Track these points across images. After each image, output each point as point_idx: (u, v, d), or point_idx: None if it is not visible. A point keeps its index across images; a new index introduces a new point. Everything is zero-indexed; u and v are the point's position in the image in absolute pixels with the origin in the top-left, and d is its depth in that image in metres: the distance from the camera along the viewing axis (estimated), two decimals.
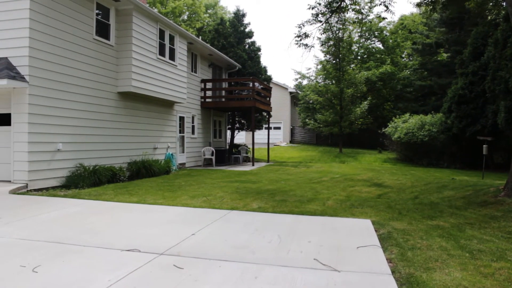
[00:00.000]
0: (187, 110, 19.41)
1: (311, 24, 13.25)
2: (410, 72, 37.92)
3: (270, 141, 26.42)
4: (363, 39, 43.93)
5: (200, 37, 28.20)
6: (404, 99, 37.54)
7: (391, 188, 12.19)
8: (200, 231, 6.18)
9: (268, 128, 25.80)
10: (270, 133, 29.48)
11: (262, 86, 23.33)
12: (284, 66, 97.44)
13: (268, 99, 24.76)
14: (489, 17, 23.70)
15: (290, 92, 41.58)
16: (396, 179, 14.82)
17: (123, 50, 13.65)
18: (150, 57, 14.66)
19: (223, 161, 22.12)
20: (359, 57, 42.64)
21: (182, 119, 18.96)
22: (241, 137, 36.87)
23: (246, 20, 27.60)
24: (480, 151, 18.12)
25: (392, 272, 4.51)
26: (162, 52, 15.60)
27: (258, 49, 26.52)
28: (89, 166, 11.85)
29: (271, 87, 25.87)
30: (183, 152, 19.10)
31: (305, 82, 43.43)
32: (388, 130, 27.32)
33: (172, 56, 16.42)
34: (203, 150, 20.99)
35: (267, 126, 25.75)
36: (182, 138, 19.04)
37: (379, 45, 44.37)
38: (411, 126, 24.90)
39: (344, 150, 32.10)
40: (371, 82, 36.16)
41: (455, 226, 6.91)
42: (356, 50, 42.30)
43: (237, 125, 27.11)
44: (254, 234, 6.08)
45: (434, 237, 6.10)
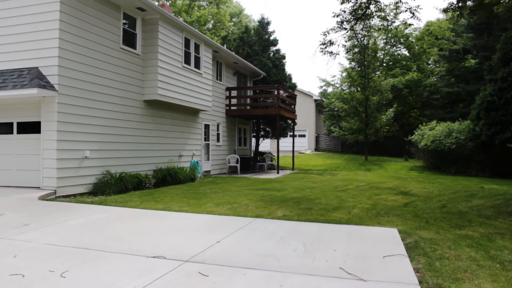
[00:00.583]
0: (212, 118, 19.55)
1: (336, 31, 13.17)
2: (437, 79, 37.33)
3: (295, 148, 26.41)
4: (389, 46, 43.49)
5: (225, 45, 28.41)
6: (430, 106, 36.97)
7: (418, 196, 11.97)
8: (225, 239, 6.18)
9: (293, 136, 25.83)
10: (295, 140, 29.47)
11: (287, 94, 23.35)
12: (308, 73, 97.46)
13: (293, 106, 24.76)
14: None
15: (315, 100, 41.48)
16: (423, 187, 14.55)
17: (149, 59, 13.87)
18: (175, 65, 14.85)
19: (248, 168, 22.17)
20: (384, 64, 42.20)
21: (207, 126, 19.10)
22: (266, 144, 36.94)
23: (270, 28, 27.74)
24: (510, 159, 17.66)
25: (420, 282, 4.41)
26: (187, 61, 15.78)
27: (283, 57, 26.58)
28: (115, 173, 12.04)
29: (295, 95, 25.87)
30: (208, 159, 19.22)
31: (330, 90, 43.35)
32: (415, 137, 26.86)
33: (197, 65, 16.60)
34: (228, 158, 21.08)
35: (292, 134, 25.76)
36: (207, 145, 19.17)
37: (405, 51, 43.83)
38: (438, 134, 24.41)
39: (370, 158, 31.74)
40: (397, 89, 35.75)
41: (485, 236, 6.71)
42: (382, 57, 41.88)
43: (262, 132, 27.17)
44: (279, 242, 6.05)
45: (462, 247, 5.93)
